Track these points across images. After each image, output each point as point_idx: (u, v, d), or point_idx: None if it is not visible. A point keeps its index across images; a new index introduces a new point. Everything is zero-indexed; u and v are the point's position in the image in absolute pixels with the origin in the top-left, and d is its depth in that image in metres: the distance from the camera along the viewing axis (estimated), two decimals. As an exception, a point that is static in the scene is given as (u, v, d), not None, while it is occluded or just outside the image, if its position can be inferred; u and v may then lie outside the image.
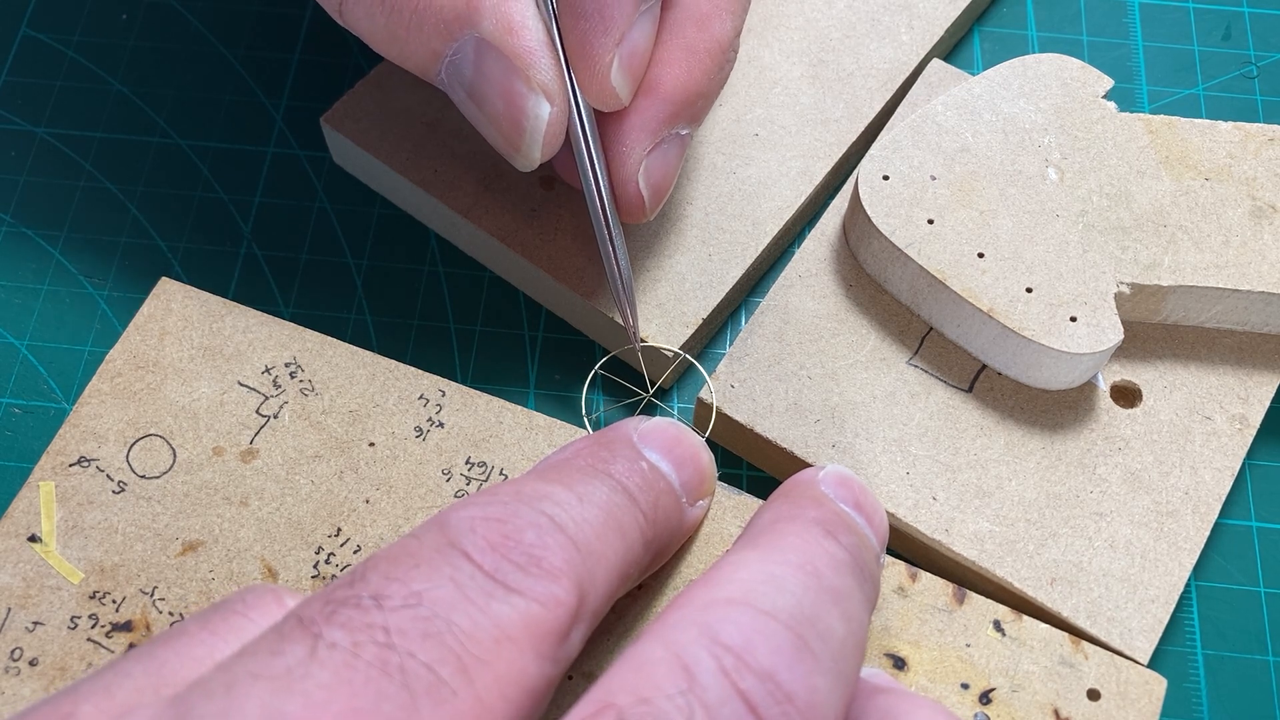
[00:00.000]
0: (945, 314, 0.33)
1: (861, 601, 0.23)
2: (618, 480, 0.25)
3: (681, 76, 0.30)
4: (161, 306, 0.33)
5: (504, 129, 0.29)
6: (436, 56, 0.29)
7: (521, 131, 0.29)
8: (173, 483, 0.30)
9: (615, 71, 0.28)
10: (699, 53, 0.30)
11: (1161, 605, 0.30)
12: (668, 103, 0.30)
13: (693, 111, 0.30)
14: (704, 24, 0.30)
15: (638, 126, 0.30)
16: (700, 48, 0.30)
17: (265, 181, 0.39)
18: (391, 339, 0.36)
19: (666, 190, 0.31)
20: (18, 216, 0.38)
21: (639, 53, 0.29)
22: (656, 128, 0.30)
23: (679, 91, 0.30)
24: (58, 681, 0.28)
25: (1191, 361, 0.33)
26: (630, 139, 0.30)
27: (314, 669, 0.19)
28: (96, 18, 0.42)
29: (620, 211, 0.31)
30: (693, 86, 0.30)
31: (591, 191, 0.30)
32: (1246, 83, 0.41)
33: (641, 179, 0.30)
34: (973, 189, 0.33)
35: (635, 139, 0.30)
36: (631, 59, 0.29)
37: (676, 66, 0.30)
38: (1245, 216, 0.33)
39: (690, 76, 0.30)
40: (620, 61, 0.28)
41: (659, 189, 0.31)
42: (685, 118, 0.30)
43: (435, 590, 0.21)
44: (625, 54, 0.28)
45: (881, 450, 0.32)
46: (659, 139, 0.30)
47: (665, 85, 0.30)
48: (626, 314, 0.32)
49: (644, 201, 0.31)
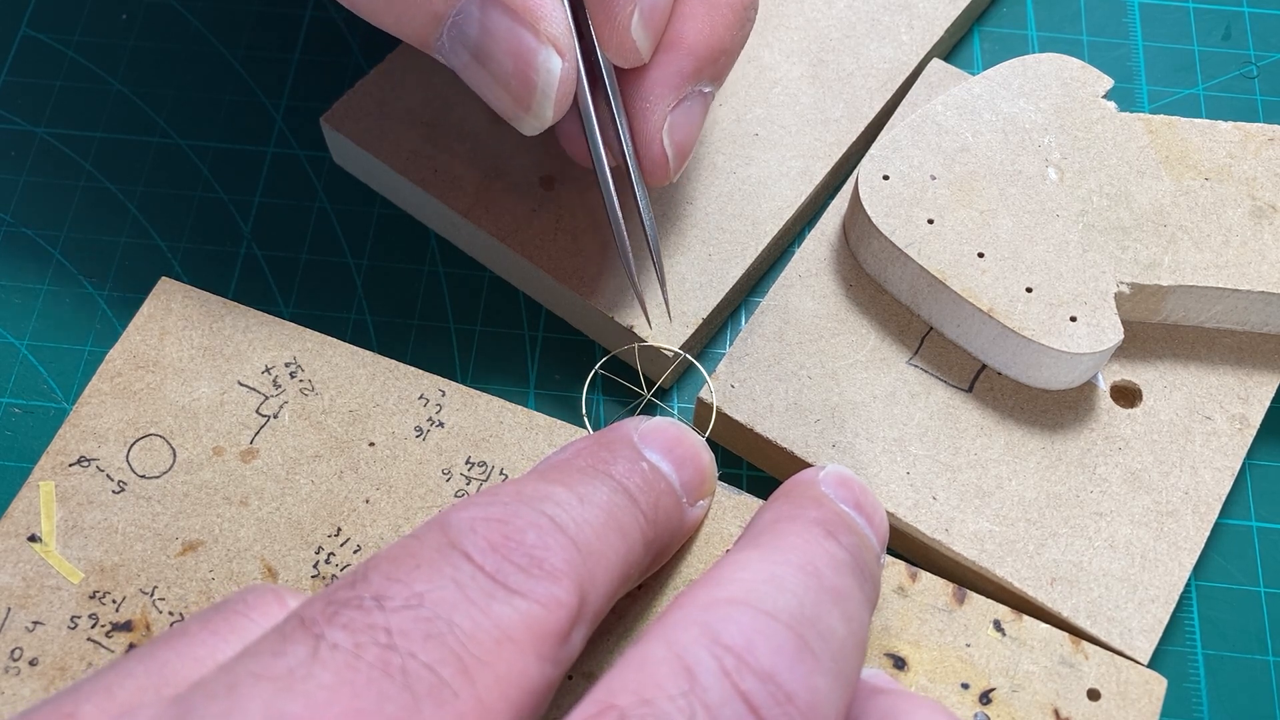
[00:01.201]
0: (945, 314, 0.33)
1: (862, 602, 0.23)
2: (618, 481, 0.25)
3: (704, 30, 0.29)
4: (161, 306, 0.33)
5: (513, 88, 0.28)
6: (437, 19, 0.28)
7: (532, 88, 0.28)
8: (173, 482, 0.30)
9: (636, 24, 0.28)
10: (721, 7, 0.29)
11: (1161, 605, 0.30)
12: (691, 57, 0.29)
13: (716, 68, 0.30)
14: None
15: (661, 81, 0.29)
16: (722, 2, 0.29)
17: (265, 181, 0.39)
18: (391, 339, 0.36)
19: (689, 150, 0.31)
20: (18, 216, 0.38)
21: (660, 6, 0.28)
22: (680, 83, 0.29)
23: (702, 46, 0.29)
24: (58, 681, 0.28)
25: (1191, 361, 0.33)
26: (654, 95, 0.29)
27: (316, 670, 0.19)
28: (96, 18, 0.42)
29: (644, 174, 0.30)
30: (715, 41, 0.29)
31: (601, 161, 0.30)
32: (1246, 83, 0.41)
33: (666, 136, 0.30)
34: (973, 189, 0.33)
35: (659, 94, 0.29)
36: (653, 12, 0.28)
37: (699, 21, 0.29)
38: (1245, 216, 0.33)
39: (713, 31, 0.29)
40: (641, 14, 0.28)
41: (683, 148, 0.30)
42: (708, 74, 0.30)
43: (437, 591, 0.21)
44: (646, 6, 0.28)
45: (881, 450, 0.32)
46: (683, 95, 0.29)
47: (688, 39, 0.29)
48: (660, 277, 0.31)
49: (669, 161, 0.30)
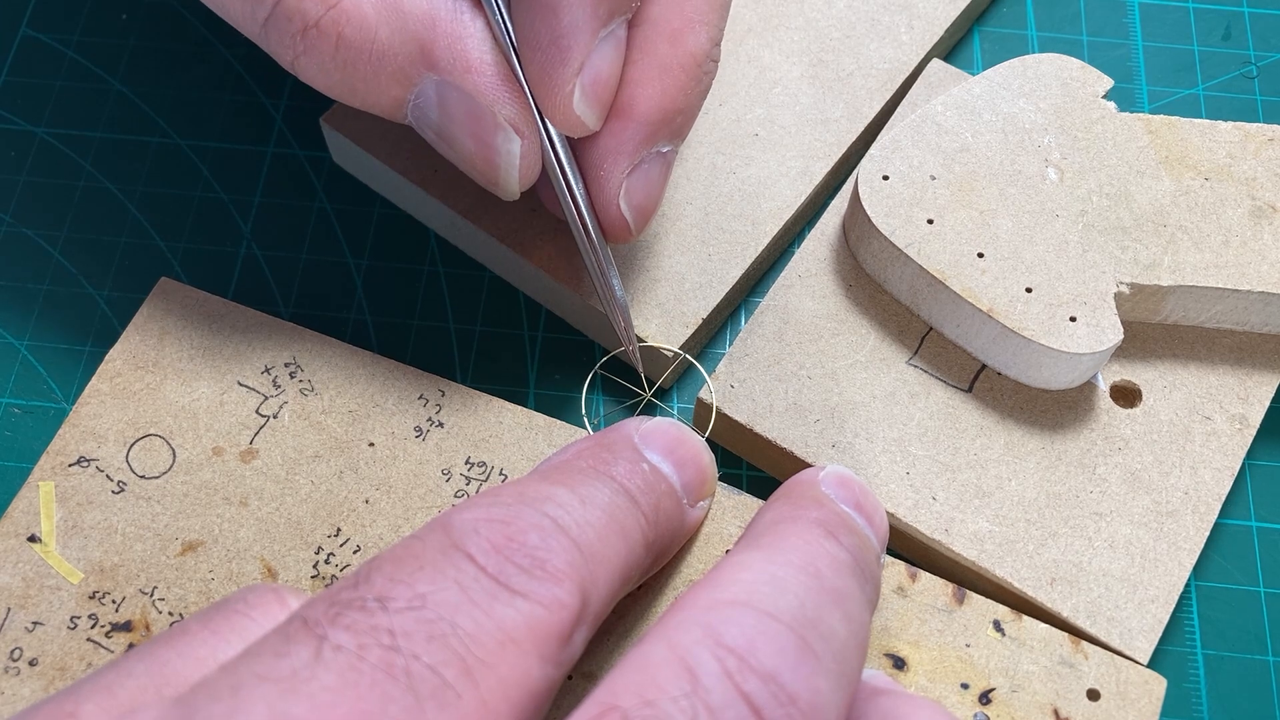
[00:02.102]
0: (945, 314, 0.33)
1: (863, 602, 0.23)
2: (619, 482, 0.25)
3: (656, 95, 0.29)
4: (161, 306, 0.33)
5: (478, 166, 0.29)
6: (399, 103, 0.29)
7: (495, 168, 0.29)
8: (172, 483, 0.30)
9: (578, 100, 0.28)
10: (673, 70, 0.29)
11: (1161, 605, 0.30)
12: (643, 124, 0.29)
13: (672, 129, 0.30)
14: (677, 39, 0.29)
15: (613, 150, 0.29)
16: (674, 64, 0.29)
17: (265, 181, 0.38)
18: (391, 339, 0.36)
19: (651, 210, 0.31)
20: (18, 216, 0.38)
21: (602, 79, 0.28)
22: (633, 149, 0.29)
23: (654, 111, 0.29)
24: (57, 681, 0.28)
25: (1191, 361, 0.33)
26: (607, 163, 0.29)
27: (319, 671, 0.19)
28: (96, 18, 0.42)
29: (606, 234, 0.31)
30: (668, 105, 0.29)
31: (573, 218, 0.30)
32: (1246, 83, 0.41)
33: (623, 201, 0.30)
34: (973, 189, 0.33)
35: (612, 162, 0.29)
36: (595, 86, 0.28)
37: (650, 86, 0.29)
38: (1245, 216, 0.33)
39: (665, 95, 0.29)
40: (583, 90, 0.28)
41: (642, 209, 0.30)
42: (664, 135, 0.30)
43: (439, 592, 0.21)
44: (588, 82, 0.28)
45: (881, 450, 0.32)
46: (638, 159, 0.29)
47: (639, 106, 0.29)
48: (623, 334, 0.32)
49: (628, 223, 0.30)
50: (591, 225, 0.30)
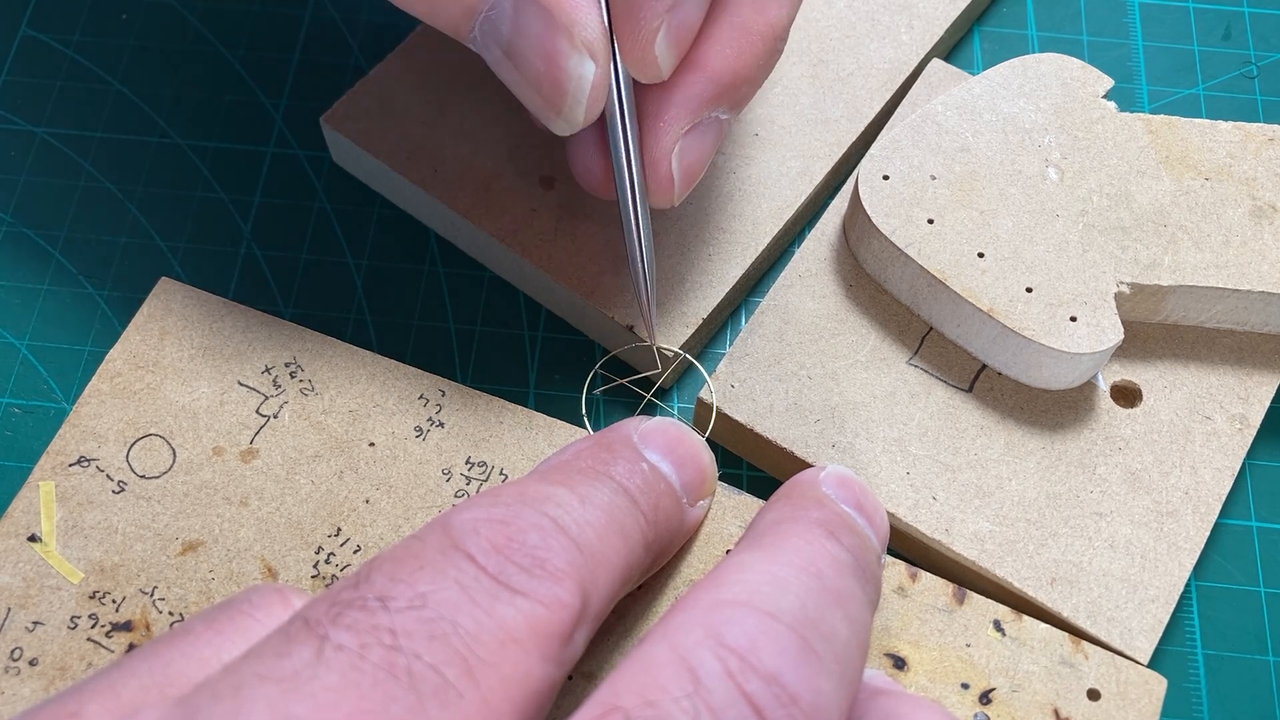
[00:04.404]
0: (945, 314, 0.33)
1: (864, 602, 0.23)
2: (619, 482, 0.25)
3: (731, 57, 0.28)
4: (161, 306, 0.33)
5: (544, 90, 0.27)
6: (471, 12, 0.27)
7: (563, 93, 0.27)
8: (173, 483, 0.30)
9: (661, 40, 0.27)
10: (752, 34, 0.28)
11: (1161, 605, 0.30)
12: (713, 82, 0.28)
13: (736, 96, 0.29)
14: (761, 5, 0.28)
15: (678, 103, 0.28)
16: (754, 29, 0.28)
17: (265, 181, 0.38)
18: (391, 339, 0.36)
19: (697, 176, 0.30)
20: (18, 216, 0.38)
21: (688, 24, 0.27)
22: (698, 106, 0.28)
23: (726, 72, 0.28)
24: (58, 681, 0.28)
25: (1191, 361, 0.33)
26: (669, 115, 0.28)
27: (321, 671, 0.19)
28: (96, 18, 0.42)
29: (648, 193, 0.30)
30: (741, 69, 0.28)
31: (621, 169, 0.29)
32: (1246, 83, 0.41)
33: (675, 159, 0.29)
34: (973, 189, 0.33)
35: (674, 115, 0.28)
36: (680, 30, 0.27)
37: (727, 46, 0.28)
38: (1245, 216, 0.33)
39: (740, 58, 0.28)
40: (668, 30, 0.27)
41: (690, 173, 0.29)
42: (728, 101, 0.29)
43: (440, 592, 0.21)
44: (674, 23, 0.27)
45: (881, 450, 0.32)
46: (698, 119, 0.29)
47: (713, 63, 0.28)
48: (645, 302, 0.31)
49: (674, 184, 0.29)
50: (638, 179, 0.29)
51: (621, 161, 0.29)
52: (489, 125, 0.36)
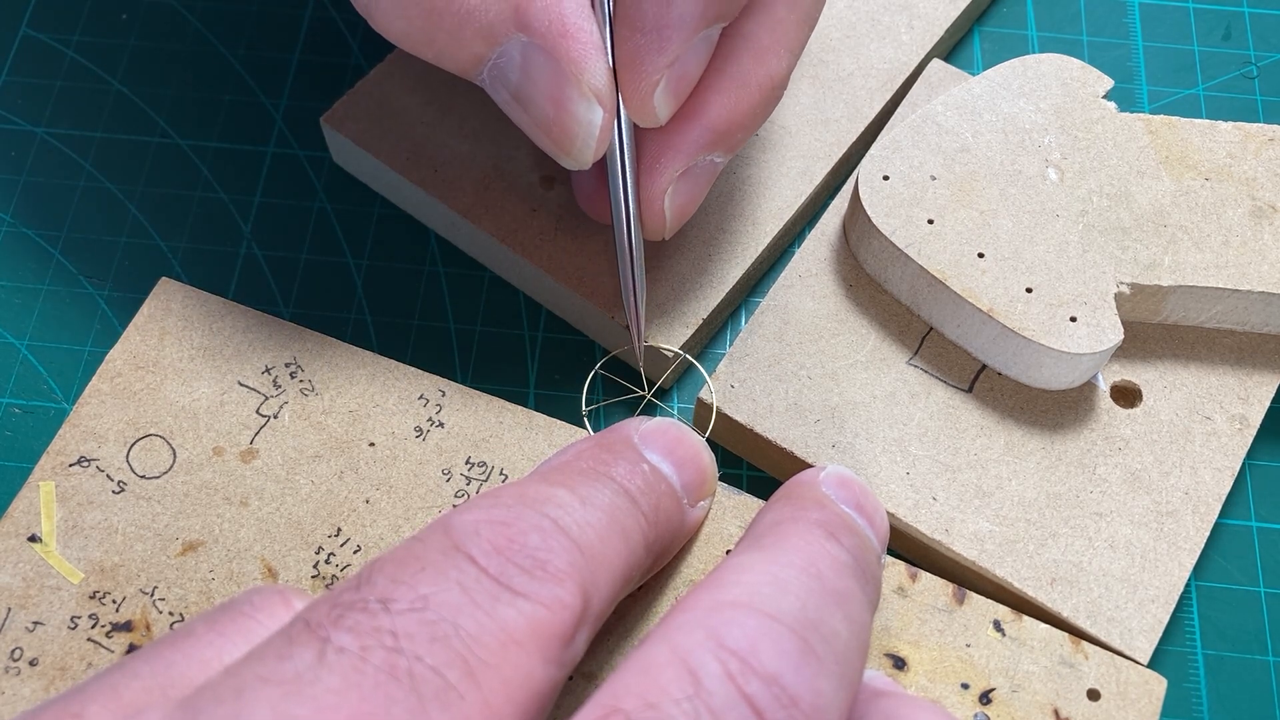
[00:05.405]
0: (945, 314, 0.33)
1: (864, 603, 0.23)
2: (620, 483, 0.25)
3: (728, 106, 0.29)
4: (161, 306, 0.33)
5: (553, 134, 0.28)
6: (479, 60, 0.28)
7: (571, 137, 0.28)
8: (173, 483, 0.30)
9: (660, 91, 0.27)
10: (750, 86, 0.29)
11: (1161, 605, 0.30)
12: (709, 130, 0.29)
13: (731, 142, 0.30)
14: (761, 57, 0.29)
15: (674, 147, 0.29)
16: (753, 81, 0.29)
17: (265, 181, 0.38)
18: (391, 339, 0.36)
19: (688, 215, 0.31)
20: (18, 216, 0.38)
21: (688, 77, 0.28)
22: (693, 152, 0.29)
23: (723, 121, 0.29)
24: (58, 681, 0.28)
25: (1191, 361, 0.33)
26: (665, 158, 0.29)
27: (323, 673, 0.19)
28: (96, 18, 0.42)
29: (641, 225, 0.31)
30: (737, 119, 0.29)
31: (619, 205, 0.30)
32: (1246, 83, 0.41)
33: (668, 200, 0.30)
34: (973, 189, 0.33)
35: (669, 159, 0.29)
36: (679, 82, 0.28)
37: (726, 95, 0.29)
38: (1245, 216, 0.33)
39: (737, 108, 0.29)
40: (668, 83, 0.27)
41: (681, 212, 0.31)
42: (723, 147, 0.30)
43: (441, 594, 0.21)
44: (674, 76, 0.27)
45: (881, 450, 0.32)
46: (693, 163, 0.29)
47: (711, 112, 0.29)
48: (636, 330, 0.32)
49: (665, 222, 0.30)
50: (634, 217, 0.30)
51: (619, 197, 0.30)
52: (489, 125, 0.36)
